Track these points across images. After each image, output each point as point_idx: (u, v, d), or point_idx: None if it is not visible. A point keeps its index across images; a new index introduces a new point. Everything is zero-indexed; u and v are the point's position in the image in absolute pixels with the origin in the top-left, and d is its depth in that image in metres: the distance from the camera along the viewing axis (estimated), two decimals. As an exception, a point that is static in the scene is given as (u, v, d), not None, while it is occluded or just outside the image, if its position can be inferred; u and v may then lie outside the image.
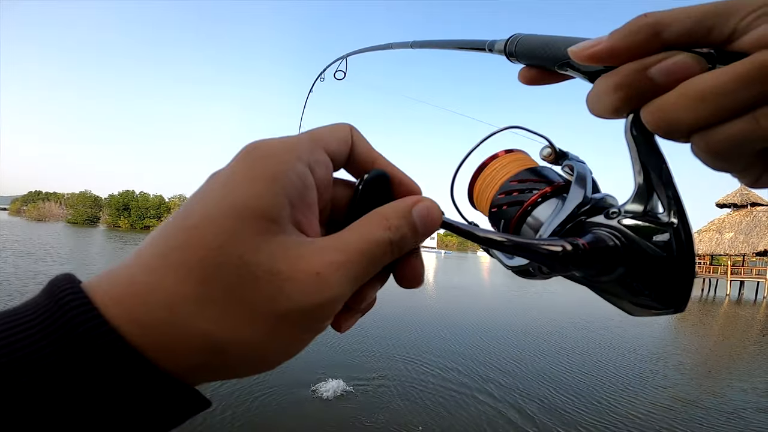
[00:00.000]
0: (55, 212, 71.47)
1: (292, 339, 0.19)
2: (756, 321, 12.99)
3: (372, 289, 0.23)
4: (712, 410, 4.84)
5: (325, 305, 0.19)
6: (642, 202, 0.24)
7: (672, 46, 0.20)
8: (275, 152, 0.19)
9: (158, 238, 0.18)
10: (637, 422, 4.37)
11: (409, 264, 0.23)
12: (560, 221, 0.28)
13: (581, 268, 0.25)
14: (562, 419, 4.28)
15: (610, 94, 0.21)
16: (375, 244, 0.20)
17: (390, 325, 7.80)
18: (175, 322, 0.17)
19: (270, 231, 0.18)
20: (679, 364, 6.84)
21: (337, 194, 0.24)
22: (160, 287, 0.17)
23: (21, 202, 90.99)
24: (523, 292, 15.82)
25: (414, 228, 0.21)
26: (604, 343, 7.96)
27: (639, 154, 0.23)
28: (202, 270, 0.17)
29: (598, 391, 5.22)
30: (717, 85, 0.18)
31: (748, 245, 21.97)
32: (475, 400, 4.55)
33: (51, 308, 0.17)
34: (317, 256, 0.19)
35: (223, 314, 0.17)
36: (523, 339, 7.79)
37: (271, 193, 0.18)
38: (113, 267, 0.18)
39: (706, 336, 9.97)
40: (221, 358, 0.18)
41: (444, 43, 0.49)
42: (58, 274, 0.18)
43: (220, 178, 0.19)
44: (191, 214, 0.18)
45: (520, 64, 0.32)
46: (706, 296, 21.19)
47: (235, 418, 3.70)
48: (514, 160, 0.36)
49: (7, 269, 11.41)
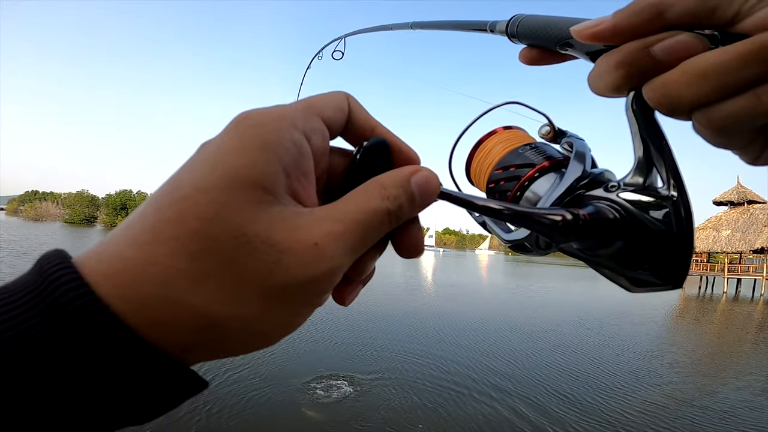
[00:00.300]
0: (53, 212, 71.25)
1: (291, 313, 0.19)
2: (753, 319, 13.04)
3: (371, 260, 0.23)
4: (706, 409, 4.85)
5: (323, 277, 0.18)
6: (641, 176, 0.24)
7: (674, 27, 0.20)
8: (268, 120, 0.18)
9: (147, 211, 0.17)
10: (629, 421, 4.38)
11: (408, 233, 0.23)
12: (558, 194, 0.28)
13: (581, 240, 0.25)
14: (556, 417, 4.29)
15: (611, 72, 0.22)
16: (373, 214, 0.20)
17: (389, 323, 7.79)
18: (169, 298, 0.16)
19: (265, 201, 0.17)
20: (674, 362, 6.87)
21: (333, 163, 0.23)
22: (151, 262, 0.16)
23: (18, 202, 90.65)
24: (519, 291, 15.86)
25: (412, 198, 0.21)
26: (599, 341, 7.98)
27: (639, 130, 0.23)
28: (195, 243, 0.16)
29: (593, 389, 5.23)
30: (719, 62, 0.18)
31: (745, 243, 22.06)
32: (472, 399, 4.55)
33: (40, 285, 0.16)
34: (315, 227, 0.18)
35: (218, 288, 0.17)
36: (518, 337, 7.80)
37: (265, 161, 0.17)
38: (102, 241, 0.17)
39: (702, 334, 10.00)
40: (218, 334, 0.17)
41: (444, 24, 0.49)
42: (48, 250, 0.18)
43: (210, 148, 0.18)
44: (181, 185, 0.17)
45: (522, 45, 0.32)
46: (703, 294, 21.24)
47: (231, 416, 3.69)
48: (512, 137, 0.36)
49: (4, 269, 11.37)
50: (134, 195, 69.74)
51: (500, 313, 10.28)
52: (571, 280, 23.35)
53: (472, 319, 9.06)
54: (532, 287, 17.39)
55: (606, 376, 5.78)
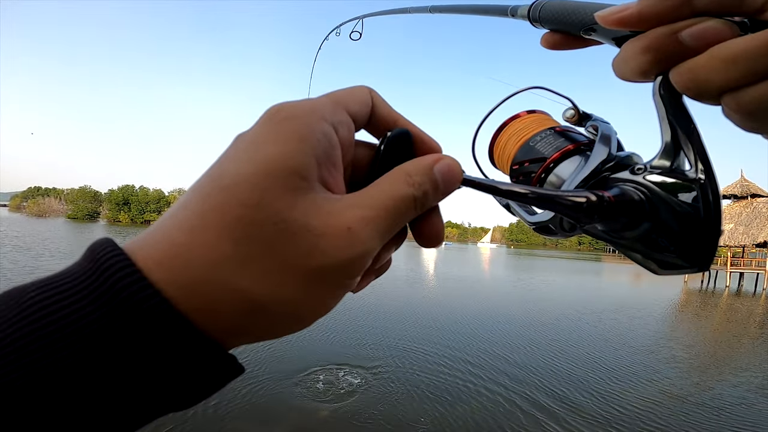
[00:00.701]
0: (56, 208, 71.57)
1: (326, 295, 0.20)
2: (754, 314, 13.01)
3: (387, 252, 0.24)
4: (701, 406, 4.86)
5: (357, 260, 0.19)
6: (669, 159, 0.24)
7: (702, 13, 0.20)
8: (300, 113, 0.19)
9: (192, 199, 0.18)
10: (624, 416, 4.39)
11: (429, 221, 0.24)
12: (583, 177, 0.28)
13: (606, 221, 0.25)
14: (553, 412, 4.31)
15: (638, 56, 0.22)
16: (400, 200, 0.21)
17: (390, 316, 7.81)
18: (216, 282, 0.17)
19: (301, 188, 0.18)
20: (672, 358, 6.86)
21: (357, 155, 0.24)
22: (200, 247, 0.17)
23: (21, 198, 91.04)
24: (521, 284, 15.86)
25: (436, 184, 0.22)
26: (597, 335, 7.98)
27: (667, 114, 0.23)
28: (240, 228, 0.17)
29: (590, 383, 5.25)
30: (748, 48, 0.18)
31: (748, 236, 21.93)
32: (468, 392, 4.57)
33: (94, 273, 0.17)
34: (347, 212, 0.19)
35: (262, 272, 0.17)
36: (517, 330, 7.82)
37: (301, 152, 0.18)
38: (149, 230, 0.18)
39: (702, 328, 9.99)
40: (261, 316, 0.18)
41: (464, 8, 0.48)
42: (98, 238, 0.18)
43: (247, 138, 0.19)
44: (224, 174, 0.18)
45: (544, 29, 0.32)
46: (705, 288, 21.21)
47: (228, 414, 3.71)
48: (536, 120, 0.35)
49: (6, 265, 11.46)
50: (136, 190, 69.88)
51: (499, 306, 10.28)
52: (572, 274, 23.35)
53: (471, 312, 9.07)
54: (533, 280, 17.40)
55: (603, 370, 5.78)
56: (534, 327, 8.22)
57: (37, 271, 10.58)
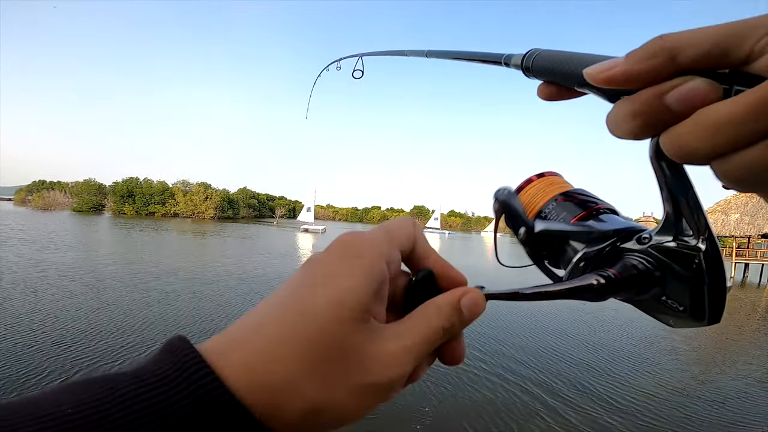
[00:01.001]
0: (61, 201, 71.94)
1: (371, 403, 0.23)
2: (758, 306, 12.93)
3: (422, 369, 0.27)
4: (700, 398, 4.85)
5: (399, 379, 0.23)
6: (671, 228, 0.25)
7: (688, 70, 0.20)
8: (366, 252, 0.24)
9: (277, 317, 0.22)
10: (623, 408, 4.40)
11: (452, 346, 0.27)
12: (597, 248, 0.30)
13: (618, 294, 0.27)
14: (553, 406, 4.32)
15: (629, 121, 0.21)
16: (433, 330, 0.25)
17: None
18: (287, 389, 0.20)
19: (363, 319, 0.22)
20: (672, 350, 6.85)
21: (396, 282, 0.28)
22: (280, 359, 0.20)
23: (26, 191, 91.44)
24: (523, 275, 15.81)
25: (462, 317, 0.26)
26: (597, 326, 7.98)
27: (665, 181, 0.23)
28: (314, 349, 0.21)
29: (591, 375, 5.26)
30: (731, 114, 0.18)
31: (753, 227, 21.74)
32: (467, 386, 4.60)
33: (178, 377, 0.19)
34: (394, 341, 0.24)
35: (325, 384, 0.21)
36: (515, 320, 7.84)
37: (366, 289, 0.23)
38: (230, 331, 0.22)
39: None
40: (316, 417, 0.21)
41: (459, 54, 0.49)
42: (173, 336, 0.22)
43: (323, 268, 0.24)
44: (306, 303, 0.22)
45: (537, 80, 0.32)
46: (709, 278, 21.04)
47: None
48: (549, 185, 0.36)
49: (12, 258, 11.56)
50: (141, 182, 70.08)
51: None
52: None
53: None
54: (536, 270, 17.28)
55: (603, 362, 5.79)
56: (534, 317, 8.22)
57: (41, 264, 10.70)
